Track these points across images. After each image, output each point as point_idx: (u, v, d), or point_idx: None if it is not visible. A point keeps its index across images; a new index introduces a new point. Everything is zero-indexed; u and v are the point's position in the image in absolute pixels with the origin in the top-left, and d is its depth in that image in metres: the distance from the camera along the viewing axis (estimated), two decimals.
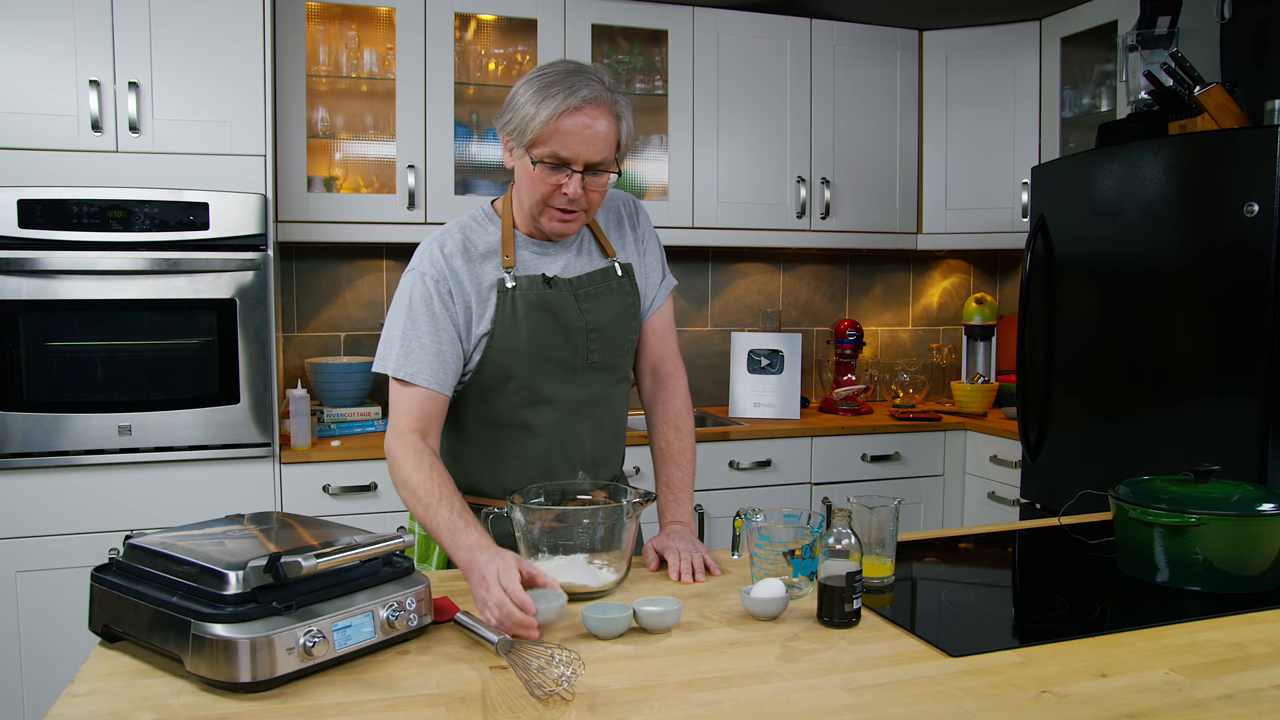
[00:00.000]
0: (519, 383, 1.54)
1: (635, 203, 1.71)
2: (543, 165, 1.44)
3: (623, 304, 1.61)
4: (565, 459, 1.59)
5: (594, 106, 1.42)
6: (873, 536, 1.40)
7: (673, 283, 1.73)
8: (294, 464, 2.64)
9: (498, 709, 1.00)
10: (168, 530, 1.23)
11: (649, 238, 1.70)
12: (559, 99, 1.40)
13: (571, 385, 1.57)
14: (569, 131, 1.41)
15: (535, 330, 1.52)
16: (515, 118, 1.44)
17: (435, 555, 1.63)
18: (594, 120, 1.42)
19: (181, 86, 2.53)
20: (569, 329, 1.55)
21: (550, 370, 1.55)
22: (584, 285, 1.58)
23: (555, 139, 1.41)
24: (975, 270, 4.01)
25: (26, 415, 2.41)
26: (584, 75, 1.43)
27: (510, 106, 1.46)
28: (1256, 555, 1.40)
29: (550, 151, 1.42)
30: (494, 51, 3.18)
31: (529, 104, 1.42)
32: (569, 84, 1.41)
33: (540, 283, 1.53)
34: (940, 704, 1.01)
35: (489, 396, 1.55)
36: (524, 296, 1.52)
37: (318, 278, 3.22)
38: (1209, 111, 2.47)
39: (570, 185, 1.44)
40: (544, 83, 1.42)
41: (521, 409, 1.55)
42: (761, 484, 3.10)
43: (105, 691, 1.04)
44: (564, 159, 1.43)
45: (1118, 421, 2.55)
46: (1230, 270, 2.24)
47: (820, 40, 3.37)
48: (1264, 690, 1.05)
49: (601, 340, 1.58)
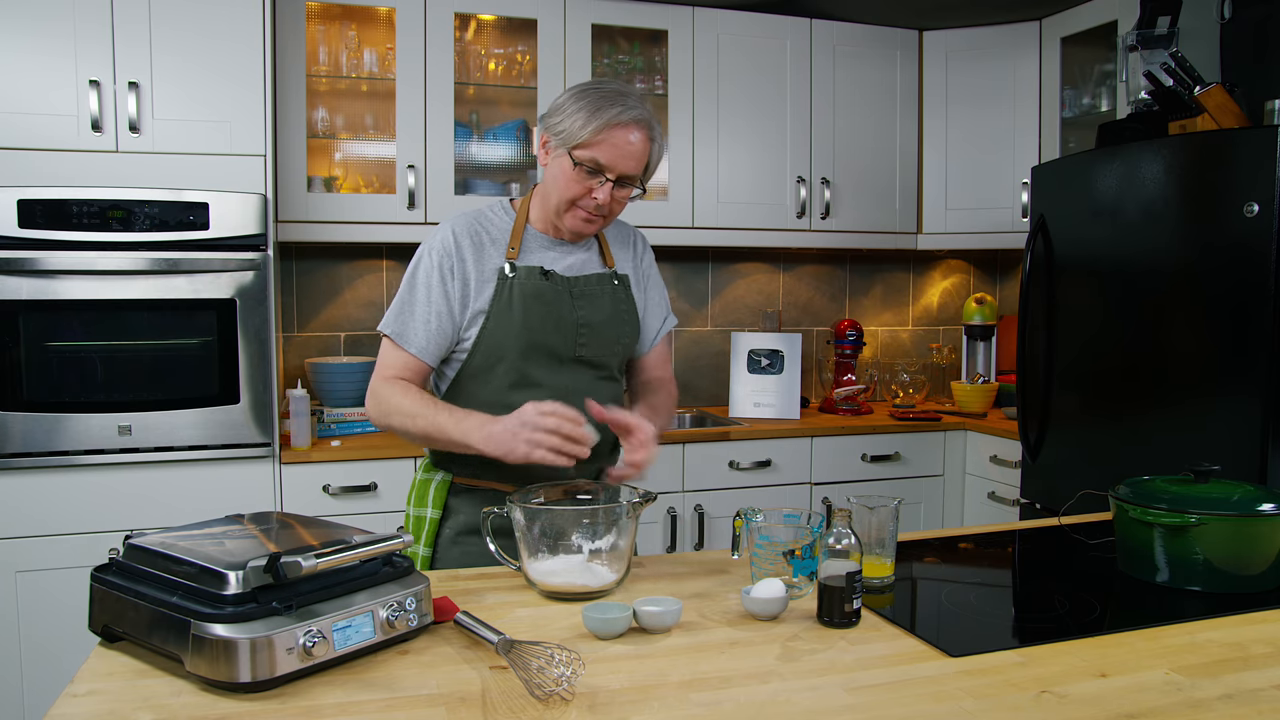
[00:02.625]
0: (509, 365, 1.63)
1: (646, 241, 1.86)
2: (581, 169, 1.57)
3: (615, 307, 1.72)
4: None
5: (639, 126, 1.57)
6: (873, 536, 1.40)
7: (674, 321, 1.88)
8: (294, 464, 2.64)
9: (498, 709, 1.00)
10: (168, 530, 1.23)
11: (652, 274, 1.84)
12: (613, 112, 1.54)
13: (559, 374, 1.66)
14: (613, 144, 1.55)
15: (528, 316, 1.62)
16: (565, 122, 1.57)
17: (424, 535, 1.68)
18: (637, 139, 1.57)
19: (181, 86, 2.53)
20: (560, 320, 1.64)
21: (539, 357, 1.64)
22: (581, 284, 1.68)
23: (599, 147, 1.55)
24: (975, 270, 4.01)
25: (26, 415, 2.41)
26: (634, 97, 1.59)
27: (559, 110, 1.59)
28: (1256, 555, 1.40)
29: (592, 157, 1.56)
30: (494, 51, 3.18)
31: (582, 112, 1.55)
32: (624, 102, 1.56)
33: (538, 274, 1.64)
34: (940, 704, 1.01)
35: (481, 378, 1.65)
36: (521, 285, 1.63)
37: (318, 278, 3.22)
38: (1209, 111, 2.47)
39: (601, 192, 1.58)
40: (600, 95, 1.56)
41: (510, 391, 1.63)
42: (761, 484, 3.10)
43: (105, 691, 1.04)
44: (602, 166, 1.56)
45: (1118, 421, 2.55)
46: (1230, 270, 2.24)
47: (820, 40, 3.37)
48: (1264, 690, 1.05)
49: (590, 335, 1.67)
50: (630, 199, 1.64)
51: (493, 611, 1.29)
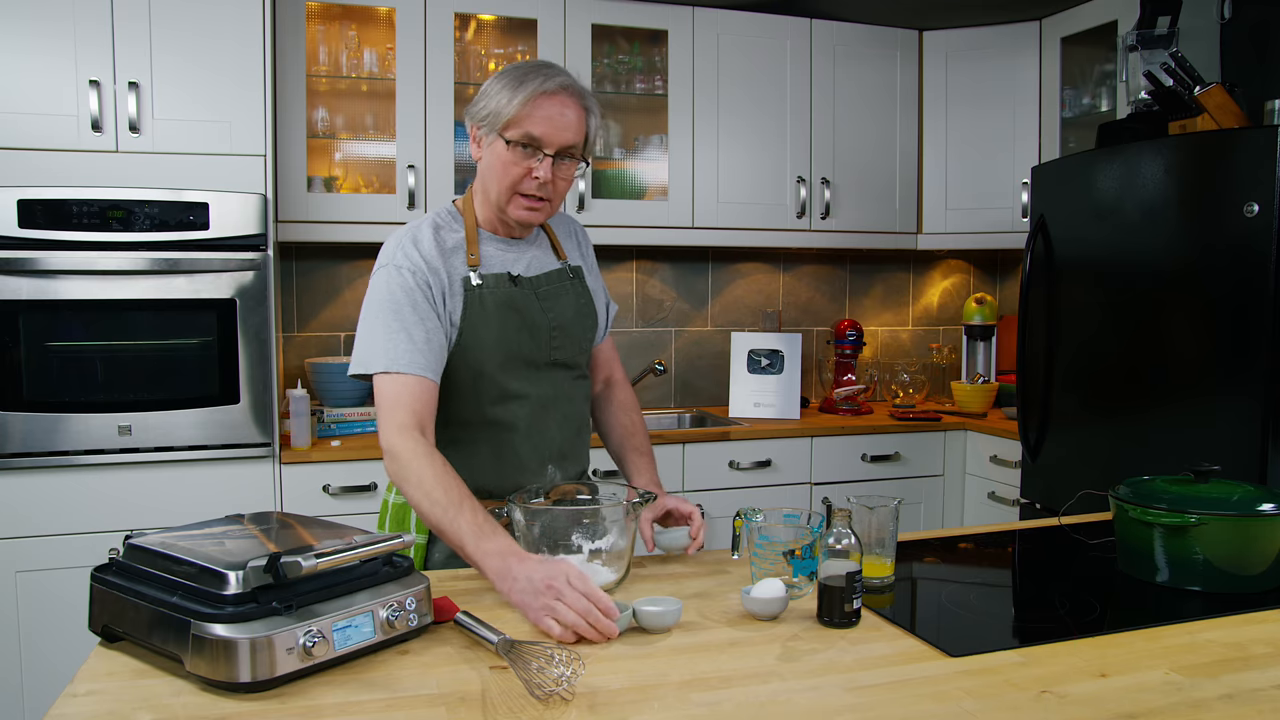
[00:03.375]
0: (488, 380, 1.56)
1: (582, 228, 1.81)
2: (515, 148, 1.49)
3: (577, 303, 1.67)
4: (535, 454, 1.61)
5: (566, 94, 1.50)
6: (873, 536, 1.40)
7: (616, 308, 1.84)
8: (294, 464, 2.64)
9: (498, 709, 1.00)
10: (168, 530, 1.23)
11: (593, 261, 1.79)
12: (536, 82, 1.47)
13: (536, 382, 1.60)
14: (544, 115, 1.48)
15: (504, 328, 1.55)
16: (490, 103, 1.50)
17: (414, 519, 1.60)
18: (566, 106, 1.49)
19: (181, 86, 2.53)
20: (534, 327, 1.58)
21: (516, 367, 1.58)
22: (543, 284, 1.62)
23: (529, 120, 1.47)
24: (975, 270, 4.01)
25: (27, 415, 2.41)
26: (555, 67, 1.52)
27: (483, 95, 1.52)
28: (1256, 555, 1.40)
29: (524, 132, 1.48)
30: (494, 51, 3.18)
31: (505, 90, 1.49)
32: (544, 72, 1.49)
33: (507, 280, 1.57)
34: (940, 704, 1.01)
35: (459, 394, 1.56)
36: (492, 294, 1.55)
37: (318, 278, 3.22)
38: (1209, 111, 2.47)
39: (541, 169, 1.49)
40: (519, 71, 1.50)
41: (492, 406, 1.57)
42: (761, 484, 3.10)
43: (105, 691, 1.04)
44: (537, 138, 1.48)
45: (1118, 421, 2.55)
46: (1230, 270, 2.24)
47: (820, 40, 3.37)
48: (1264, 690, 1.05)
49: (562, 337, 1.62)
50: (576, 175, 1.57)
51: (493, 611, 1.29)
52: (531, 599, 1.21)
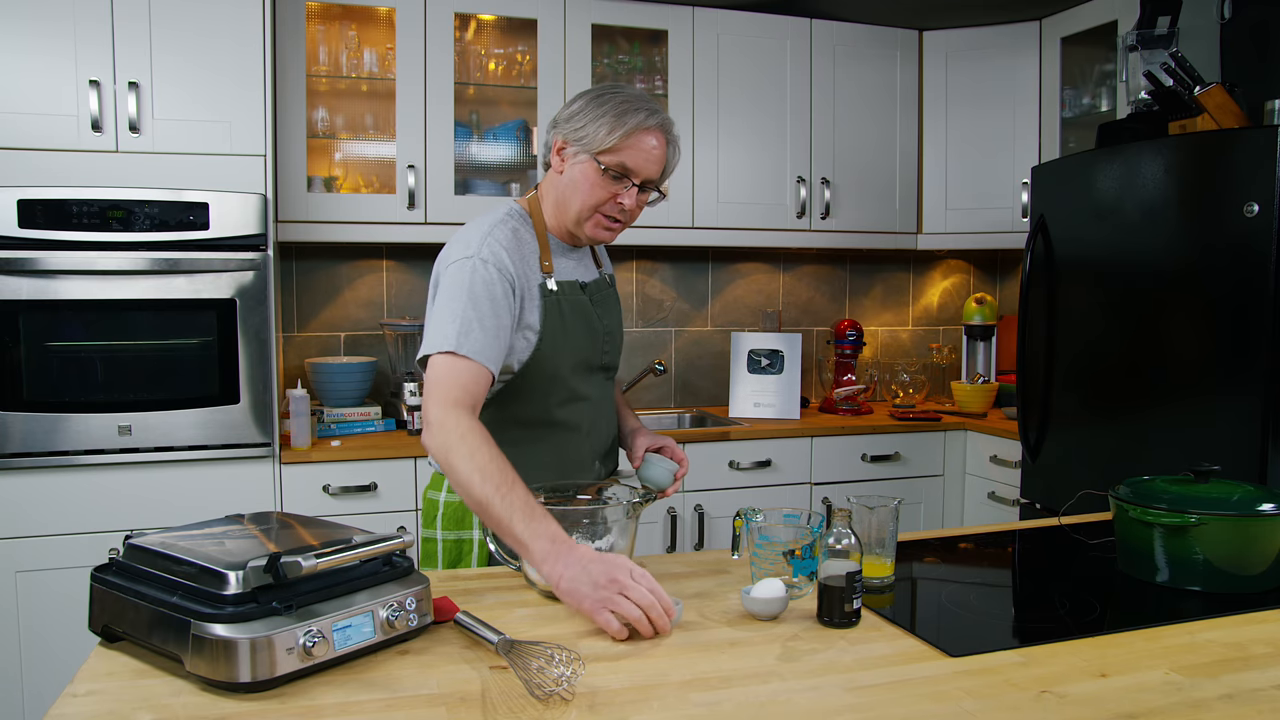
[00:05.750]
0: (560, 383, 1.62)
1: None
2: (607, 174, 1.54)
3: (618, 310, 1.78)
4: (593, 452, 1.71)
5: (662, 131, 1.57)
6: (873, 536, 1.40)
7: None
8: (294, 464, 2.64)
9: (498, 709, 1.00)
10: (168, 530, 1.23)
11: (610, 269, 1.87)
12: (640, 117, 1.53)
13: (593, 385, 1.69)
14: (640, 148, 1.54)
15: (577, 333, 1.62)
16: (590, 128, 1.54)
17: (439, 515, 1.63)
18: (660, 142, 1.57)
19: (181, 86, 2.53)
20: (594, 332, 1.66)
21: (583, 371, 1.65)
22: (594, 291, 1.69)
23: (625, 152, 1.53)
24: (975, 270, 4.01)
25: (27, 415, 2.41)
26: (652, 102, 1.58)
27: (581, 115, 1.56)
28: (1256, 555, 1.40)
29: (619, 162, 1.54)
30: (494, 51, 3.18)
31: (607, 118, 1.53)
32: (646, 107, 1.55)
33: (577, 288, 1.64)
34: (940, 704, 1.01)
35: (528, 395, 1.60)
36: (568, 300, 1.61)
37: (318, 278, 3.22)
38: (1209, 111, 2.47)
39: (628, 197, 1.56)
40: (622, 103, 1.55)
41: (559, 408, 1.63)
42: (761, 484, 3.10)
43: (105, 691, 1.04)
44: (629, 170, 1.55)
45: (1118, 421, 2.55)
46: (1230, 270, 2.24)
47: (820, 40, 3.37)
48: (1264, 690, 1.05)
49: (610, 342, 1.72)
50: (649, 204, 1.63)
51: (493, 611, 1.29)
52: (590, 590, 1.20)
